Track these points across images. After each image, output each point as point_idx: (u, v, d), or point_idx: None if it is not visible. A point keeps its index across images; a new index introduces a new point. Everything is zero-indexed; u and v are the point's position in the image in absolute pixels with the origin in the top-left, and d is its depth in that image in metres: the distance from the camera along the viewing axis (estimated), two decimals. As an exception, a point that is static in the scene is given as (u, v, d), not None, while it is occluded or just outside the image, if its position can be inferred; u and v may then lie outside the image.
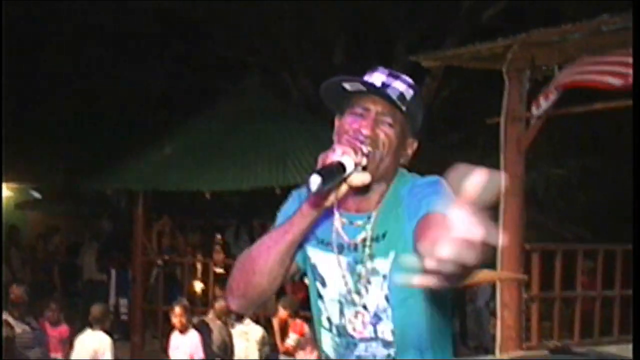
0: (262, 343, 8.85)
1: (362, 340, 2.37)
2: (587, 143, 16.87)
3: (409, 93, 2.31)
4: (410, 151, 2.38)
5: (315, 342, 2.68)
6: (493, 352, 9.28)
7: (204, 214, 16.12)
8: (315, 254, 2.41)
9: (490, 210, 1.37)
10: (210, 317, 8.97)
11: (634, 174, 4.95)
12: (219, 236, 14.03)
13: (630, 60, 7.38)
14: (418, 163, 2.38)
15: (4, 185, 23.13)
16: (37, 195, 21.18)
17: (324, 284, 2.40)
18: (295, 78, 17.02)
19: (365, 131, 2.24)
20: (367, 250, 2.31)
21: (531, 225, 10.00)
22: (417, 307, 2.31)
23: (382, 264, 2.29)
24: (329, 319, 2.44)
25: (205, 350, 8.56)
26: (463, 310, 15.97)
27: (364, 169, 2.18)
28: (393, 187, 2.35)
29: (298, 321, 8.99)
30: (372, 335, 2.35)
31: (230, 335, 8.77)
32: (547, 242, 11.13)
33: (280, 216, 2.47)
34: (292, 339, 8.90)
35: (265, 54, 17.17)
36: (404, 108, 2.28)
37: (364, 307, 2.34)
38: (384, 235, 2.29)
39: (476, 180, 1.45)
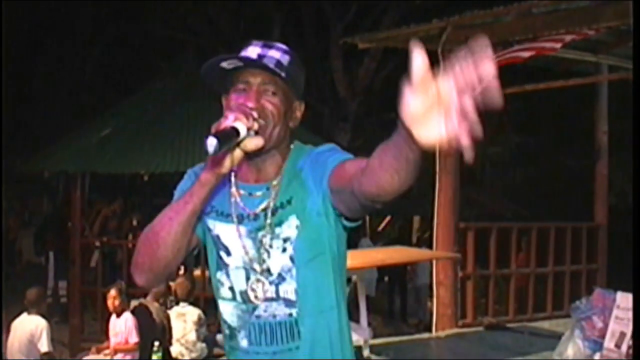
0: (199, 324, 8.86)
1: (263, 304, 2.38)
2: (522, 121, 17.11)
3: (285, 59, 2.35)
4: (298, 114, 2.43)
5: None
6: (429, 328, 9.42)
7: (143, 195, 16.05)
8: (216, 226, 2.42)
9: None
10: (148, 300, 8.98)
11: (634, 173, 5.06)
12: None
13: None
14: (356, 139, 2.44)
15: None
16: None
17: (228, 253, 2.41)
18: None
19: (251, 104, 2.27)
20: (269, 218, 2.34)
21: (467, 203, 10.15)
22: (323, 267, 2.36)
23: (287, 229, 2.33)
24: (231, 288, 2.42)
25: (141, 333, 8.55)
26: (404, 288, 16.17)
27: (257, 133, 2.22)
28: (291, 158, 2.41)
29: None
30: (274, 295, 2.36)
31: (168, 317, 8.77)
32: (483, 220, 11.32)
33: (176, 193, 2.49)
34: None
35: (202, 32, 17.11)
36: (283, 74, 2.30)
37: (267, 271, 2.36)
38: (289, 201, 2.34)
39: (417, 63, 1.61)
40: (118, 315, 8.66)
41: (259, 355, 2.39)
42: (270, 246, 2.35)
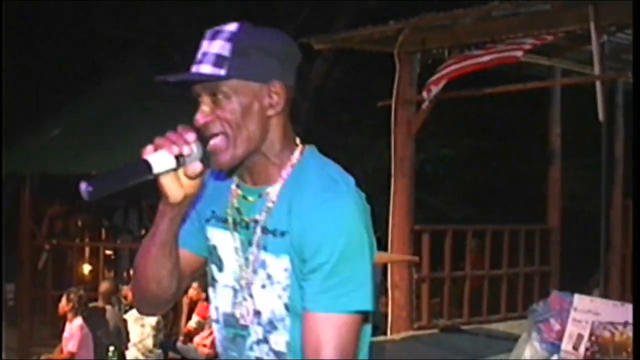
0: (158, 329, 8.76)
1: (252, 339, 2.18)
2: (475, 124, 17.19)
3: (227, 48, 2.03)
4: (275, 97, 2.07)
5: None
6: (384, 331, 9.39)
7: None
8: (213, 234, 2.23)
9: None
10: (100, 303, 8.87)
11: (634, 173, 5.06)
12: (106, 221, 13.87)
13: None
14: (307, 141, 2.25)
15: None
16: None
17: (220, 268, 2.22)
18: (183, 56, 16.83)
19: (201, 121, 2.05)
20: (257, 235, 2.11)
21: (420, 206, 10.16)
22: None
23: (274, 265, 2.09)
24: (216, 308, 2.27)
25: (94, 338, 8.44)
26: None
27: (210, 150, 2.02)
28: (300, 169, 2.10)
29: (205, 303, 8.93)
30: (261, 338, 2.16)
31: (124, 321, 8.66)
32: (436, 223, 11.34)
33: None
34: (193, 321, 8.85)
35: (152, 32, 16.93)
36: (222, 72, 2.01)
37: (250, 295, 2.15)
38: (282, 234, 2.07)
39: None
40: (69, 321, 8.55)
41: None
42: (255, 271, 2.13)
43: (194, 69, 2.07)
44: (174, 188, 2.00)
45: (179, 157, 1.96)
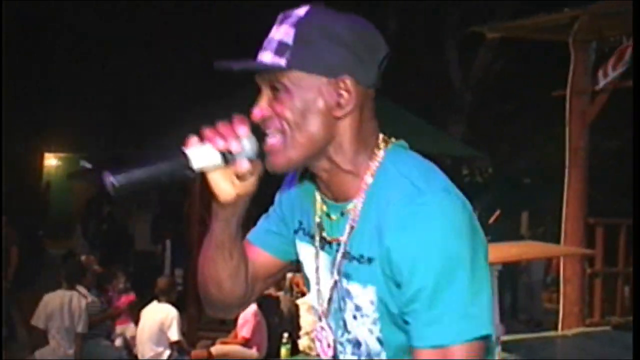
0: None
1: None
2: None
3: (290, 35, 1.77)
4: (345, 95, 1.78)
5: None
6: (546, 327, 9.20)
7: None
8: (301, 248, 2.00)
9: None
10: (272, 291, 9.02)
11: (634, 173, 4.83)
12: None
13: None
14: (470, 132, 2.00)
15: (52, 155, 23.48)
16: (87, 165, 21.36)
17: (308, 287, 2.01)
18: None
19: (257, 116, 1.80)
20: (338, 259, 1.86)
21: (591, 200, 9.91)
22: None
23: (361, 295, 1.83)
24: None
25: (268, 325, 8.59)
26: (515, 283, 15.90)
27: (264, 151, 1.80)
28: (383, 173, 1.82)
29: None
30: None
31: (297, 307, 8.75)
32: (604, 217, 11.04)
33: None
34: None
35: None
36: (282, 62, 1.76)
37: (344, 323, 1.90)
38: (370, 260, 1.79)
39: None
40: (244, 308, 8.71)
41: None
42: (343, 300, 1.87)
43: (258, 57, 1.82)
44: (224, 187, 1.79)
45: (225, 153, 1.76)
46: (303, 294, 9.02)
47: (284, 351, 8.30)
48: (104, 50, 18.77)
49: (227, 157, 1.75)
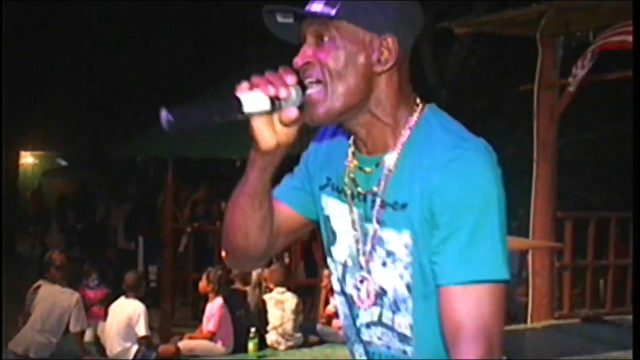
0: (297, 312, 8.80)
1: (372, 324, 2.01)
2: (616, 108, 16.72)
3: None
4: (386, 52, 1.86)
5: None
6: (522, 320, 9.27)
7: (233, 180, 16.12)
8: (329, 204, 2.05)
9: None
10: (239, 286, 9.03)
11: (634, 173, 4.88)
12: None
13: None
14: None
15: (29, 154, 23.45)
16: (63, 162, 21.35)
17: (334, 242, 2.06)
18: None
19: (299, 62, 1.87)
20: (375, 209, 1.92)
21: (560, 193, 9.96)
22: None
23: (395, 241, 1.91)
24: (338, 281, 2.09)
25: (234, 319, 8.58)
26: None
27: (310, 99, 1.86)
28: (421, 129, 1.90)
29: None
30: (390, 323, 1.97)
31: (264, 303, 8.76)
32: (576, 210, 11.10)
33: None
34: (332, 305, 8.88)
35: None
36: (332, 13, 1.83)
37: (369, 273, 1.98)
38: (404, 206, 1.87)
39: None
40: (210, 301, 8.71)
41: None
42: (374, 249, 1.95)
43: (307, 6, 1.88)
44: (267, 134, 1.84)
45: (274, 100, 1.81)
46: (271, 290, 9.05)
47: (251, 345, 8.34)
48: (79, 48, 18.70)
49: (275, 104, 1.81)
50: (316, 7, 1.85)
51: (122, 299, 8.44)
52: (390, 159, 1.90)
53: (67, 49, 18.78)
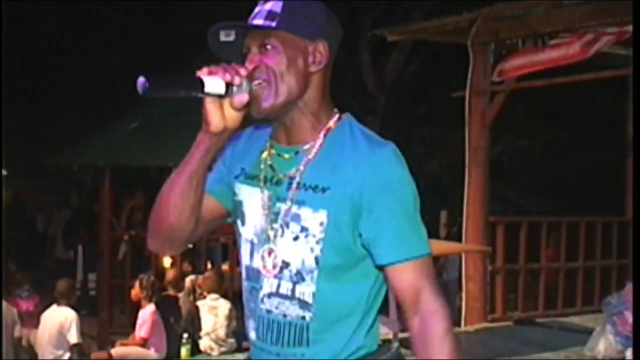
0: (230, 318, 8.81)
1: (272, 295, 2.24)
2: (552, 115, 16.98)
3: (278, 6, 2.17)
4: (318, 55, 2.20)
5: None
6: (458, 323, 9.36)
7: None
8: (242, 190, 2.31)
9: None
10: (171, 292, 9.04)
11: (634, 172, 5.01)
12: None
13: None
14: (384, 133, 2.29)
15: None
16: (2, 172, 21.05)
17: (243, 222, 2.30)
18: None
19: (249, 66, 2.16)
20: (292, 191, 2.19)
21: (496, 199, 10.09)
22: (351, 278, 2.21)
23: (310, 219, 2.17)
24: (240, 262, 2.35)
25: (167, 325, 8.59)
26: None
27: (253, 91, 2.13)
28: (338, 131, 2.22)
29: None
30: (288, 293, 2.22)
31: (197, 309, 8.77)
32: (511, 215, 11.23)
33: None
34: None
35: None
36: (273, 25, 2.15)
37: (275, 245, 2.22)
38: (324, 190, 2.16)
39: None
40: (142, 308, 8.70)
41: (263, 352, 2.28)
42: (286, 225, 2.20)
43: (249, 22, 2.21)
44: (217, 116, 2.10)
45: (229, 85, 2.07)
46: (204, 297, 9.06)
47: (184, 351, 8.34)
48: (13, 56, 18.50)
49: (229, 89, 2.08)
50: (258, 22, 2.17)
51: (54, 307, 8.40)
52: (311, 148, 2.21)
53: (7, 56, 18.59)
